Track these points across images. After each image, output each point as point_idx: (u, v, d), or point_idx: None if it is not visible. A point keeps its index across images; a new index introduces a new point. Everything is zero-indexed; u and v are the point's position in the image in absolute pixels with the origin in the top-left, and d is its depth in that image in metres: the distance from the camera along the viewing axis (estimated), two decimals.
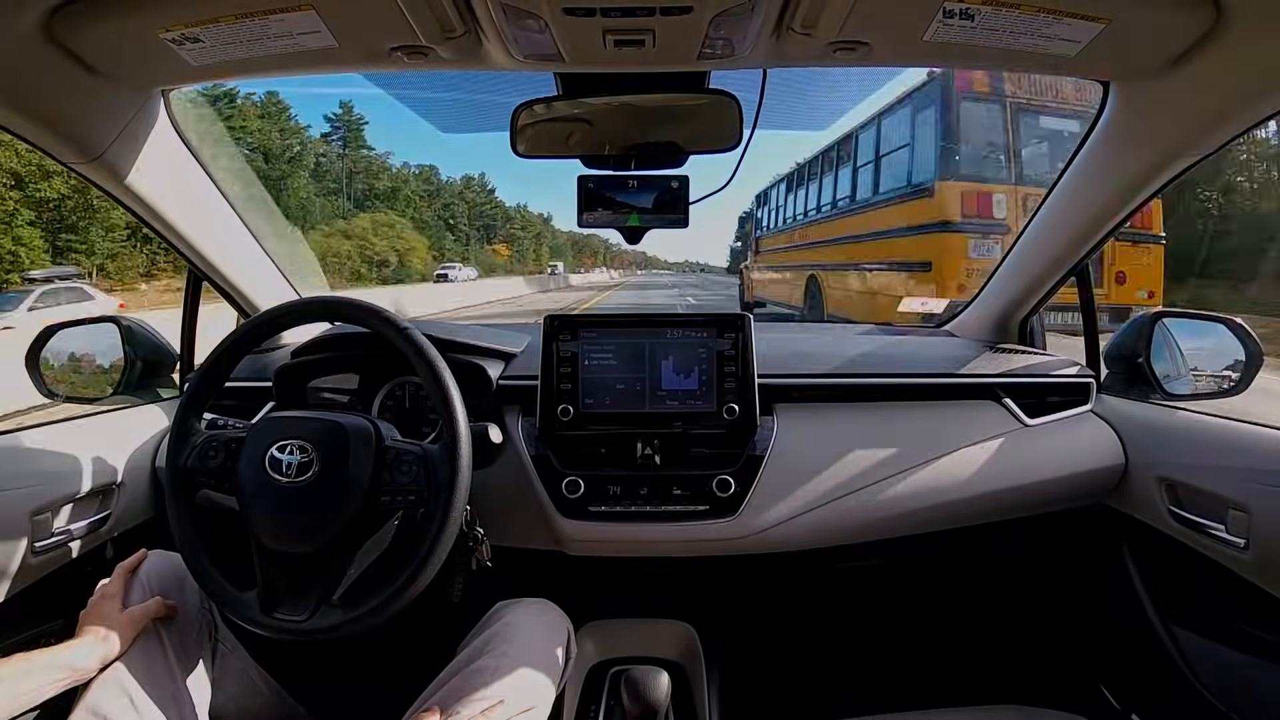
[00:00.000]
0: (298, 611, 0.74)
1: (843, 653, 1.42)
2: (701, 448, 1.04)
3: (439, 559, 0.76)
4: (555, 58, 0.80)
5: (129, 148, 0.92)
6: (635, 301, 21.07)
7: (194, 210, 1.09)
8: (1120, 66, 0.82)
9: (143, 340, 1.22)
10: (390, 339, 0.81)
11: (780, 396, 1.11)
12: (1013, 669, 1.31)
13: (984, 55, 0.79)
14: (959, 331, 1.41)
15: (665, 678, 1.10)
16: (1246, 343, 1.05)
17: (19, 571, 0.90)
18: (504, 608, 0.88)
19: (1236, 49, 0.70)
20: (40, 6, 0.67)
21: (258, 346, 0.97)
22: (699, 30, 0.73)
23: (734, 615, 1.36)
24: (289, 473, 0.75)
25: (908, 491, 1.04)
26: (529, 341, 1.18)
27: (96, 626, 0.71)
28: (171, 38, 0.72)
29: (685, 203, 0.99)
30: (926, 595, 1.41)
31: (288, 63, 0.80)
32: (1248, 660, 0.92)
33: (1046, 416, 1.13)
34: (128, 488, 1.06)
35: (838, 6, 0.68)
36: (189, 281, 1.24)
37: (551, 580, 1.07)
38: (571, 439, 1.04)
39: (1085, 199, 1.04)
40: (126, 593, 0.77)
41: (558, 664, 0.86)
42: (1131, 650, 1.10)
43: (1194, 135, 0.86)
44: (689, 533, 1.01)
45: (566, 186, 1.07)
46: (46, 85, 0.78)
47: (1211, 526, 0.92)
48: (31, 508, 0.91)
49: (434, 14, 0.70)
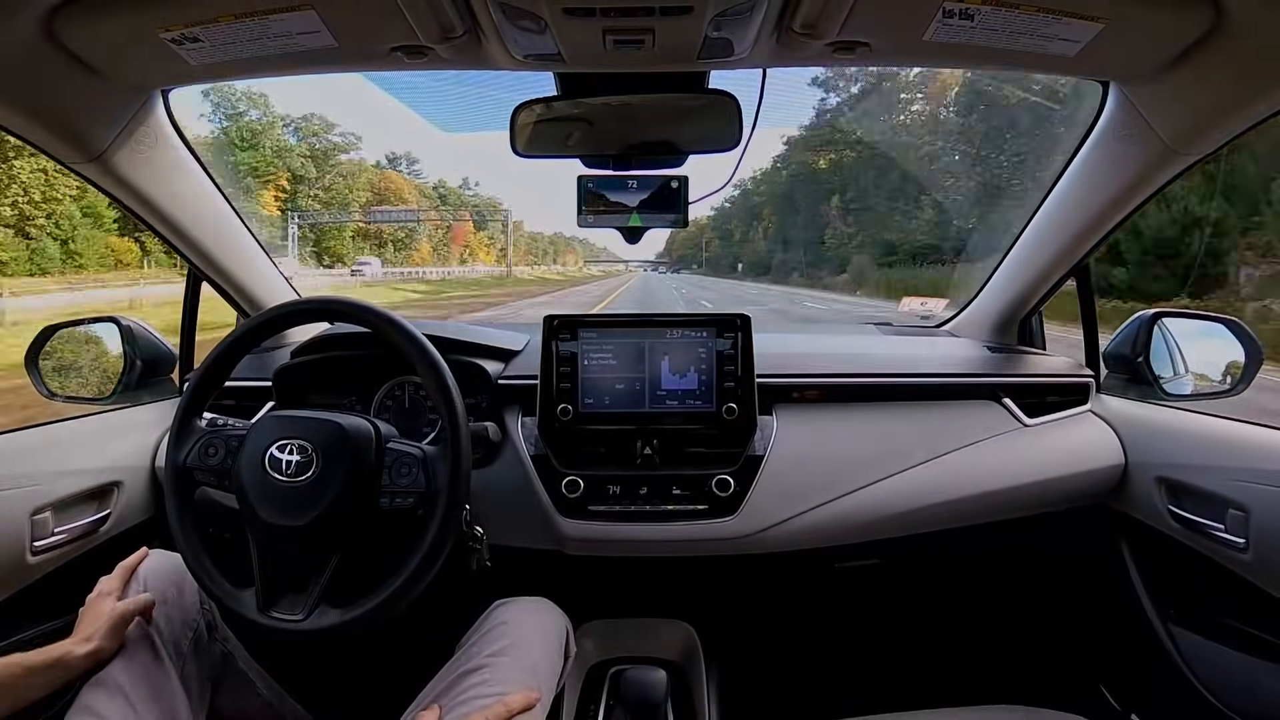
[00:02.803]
0: (295, 611, 0.74)
1: (842, 652, 1.42)
2: (701, 447, 1.04)
3: (438, 560, 0.76)
4: (555, 58, 0.80)
5: (129, 147, 0.92)
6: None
7: (193, 210, 1.09)
8: (1120, 66, 0.82)
9: (142, 340, 1.22)
10: (391, 339, 0.81)
11: (780, 396, 1.11)
12: (1012, 669, 1.31)
13: (984, 55, 0.79)
14: (958, 331, 1.41)
15: (664, 677, 1.11)
16: (1246, 342, 1.05)
17: (19, 571, 0.90)
18: (503, 607, 0.88)
19: (1236, 49, 0.70)
20: (40, 6, 0.67)
21: (257, 346, 0.97)
22: (699, 30, 0.73)
23: (733, 615, 1.36)
24: (288, 471, 0.75)
25: (907, 491, 1.04)
26: (529, 341, 1.18)
27: (88, 622, 0.72)
28: (171, 37, 0.72)
29: (685, 202, 0.99)
30: (926, 595, 1.41)
31: (287, 63, 0.80)
32: (1247, 660, 0.92)
33: (1046, 416, 1.13)
34: (127, 487, 1.06)
35: (838, 7, 0.68)
36: (189, 281, 1.24)
37: (551, 579, 1.07)
38: (571, 439, 1.04)
39: (1085, 199, 1.04)
40: (124, 590, 0.77)
41: (557, 663, 0.86)
42: (1131, 650, 1.10)
43: (1194, 135, 0.85)
44: (688, 532, 1.01)
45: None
46: (46, 85, 0.78)
47: (1211, 526, 0.92)
48: (31, 508, 0.91)
49: (434, 14, 0.70)
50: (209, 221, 1.12)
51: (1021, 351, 1.28)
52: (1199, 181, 8.38)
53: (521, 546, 1.06)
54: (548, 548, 1.05)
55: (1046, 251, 1.15)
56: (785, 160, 36.29)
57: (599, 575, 1.21)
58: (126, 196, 0.99)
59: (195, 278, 1.22)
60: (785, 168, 36.37)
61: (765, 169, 39.53)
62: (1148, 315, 1.14)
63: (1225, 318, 1.09)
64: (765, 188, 40.52)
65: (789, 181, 35.55)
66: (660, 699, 1.09)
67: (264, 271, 1.26)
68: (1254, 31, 0.67)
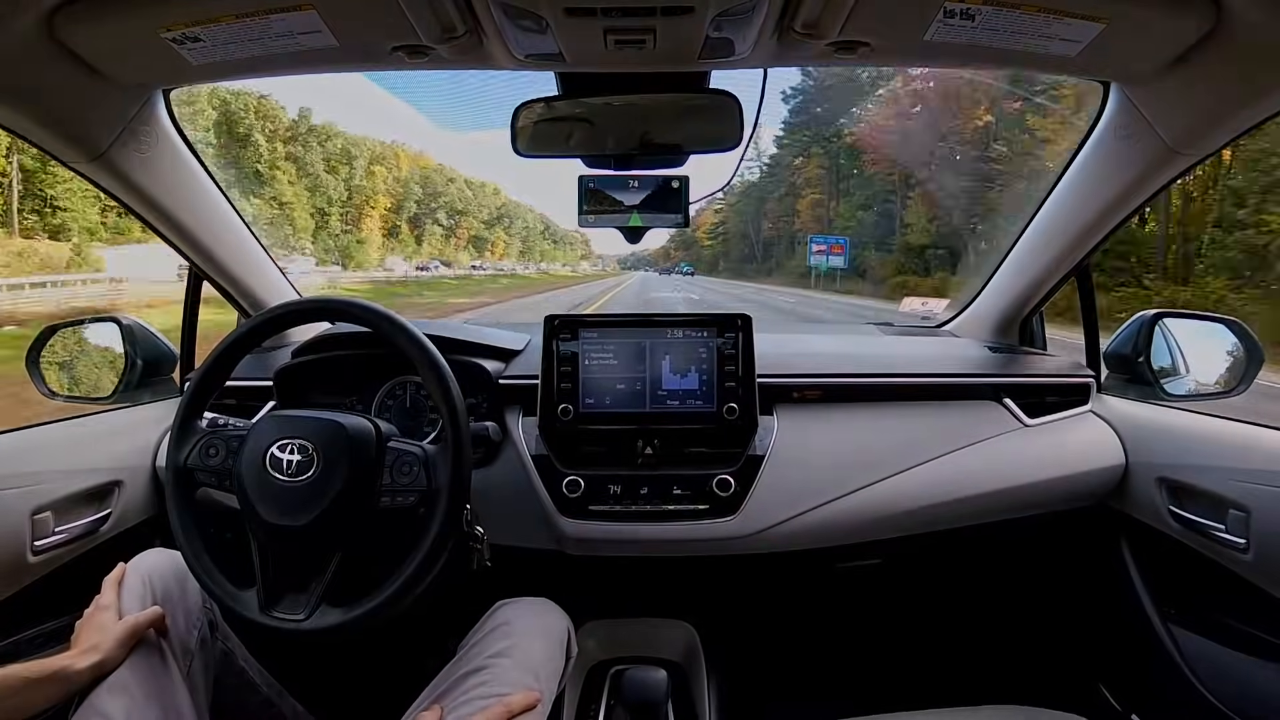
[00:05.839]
0: (296, 610, 0.74)
1: (842, 652, 1.42)
2: (702, 447, 1.04)
3: (438, 560, 0.76)
4: (556, 58, 0.80)
5: (130, 147, 0.92)
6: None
7: (194, 210, 1.09)
8: (1120, 67, 0.82)
9: (143, 340, 1.22)
10: (392, 338, 0.81)
11: (780, 396, 1.11)
12: (1013, 669, 1.31)
13: (984, 55, 0.79)
14: (959, 331, 1.41)
15: (665, 677, 1.11)
16: (1247, 342, 1.05)
17: (19, 571, 0.90)
18: (504, 607, 0.88)
19: (1237, 49, 0.70)
20: (41, 6, 0.67)
21: (258, 346, 0.97)
22: (700, 31, 0.73)
23: (734, 615, 1.37)
24: (289, 471, 0.75)
25: (908, 492, 1.04)
26: (530, 341, 1.18)
27: (92, 636, 0.70)
28: (172, 37, 0.72)
29: (686, 202, 0.99)
30: (926, 595, 1.41)
31: (288, 62, 0.80)
32: (1248, 660, 0.92)
33: (1046, 416, 1.13)
34: (128, 487, 1.06)
35: (839, 7, 0.68)
36: (189, 281, 1.24)
37: (552, 579, 1.07)
38: (572, 438, 1.04)
39: (1085, 199, 1.04)
40: (121, 598, 0.76)
41: (558, 663, 0.86)
42: (1131, 650, 1.10)
43: (1194, 135, 0.86)
44: (689, 532, 1.01)
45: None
46: (48, 84, 0.78)
47: (1211, 527, 0.92)
48: (31, 507, 0.91)
49: (435, 14, 0.70)
50: (210, 221, 1.12)
51: (1022, 352, 1.28)
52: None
53: (522, 546, 1.06)
54: (548, 548, 1.05)
55: (1047, 251, 1.15)
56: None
57: (600, 575, 1.22)
58: (127, 196, 0.99)
59: (196, 277, 1.22)
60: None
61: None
62: (1149, 315, 1.14)
63: (1226, 318, 1.09)
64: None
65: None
66: (661, 699, 1.09)
67: (265, 271, 1.26)
68: (1254, 32, 0.67)
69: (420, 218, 41.77)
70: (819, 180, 31.79)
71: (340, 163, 33.41)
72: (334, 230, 32.74)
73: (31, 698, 0.65)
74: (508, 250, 54.88)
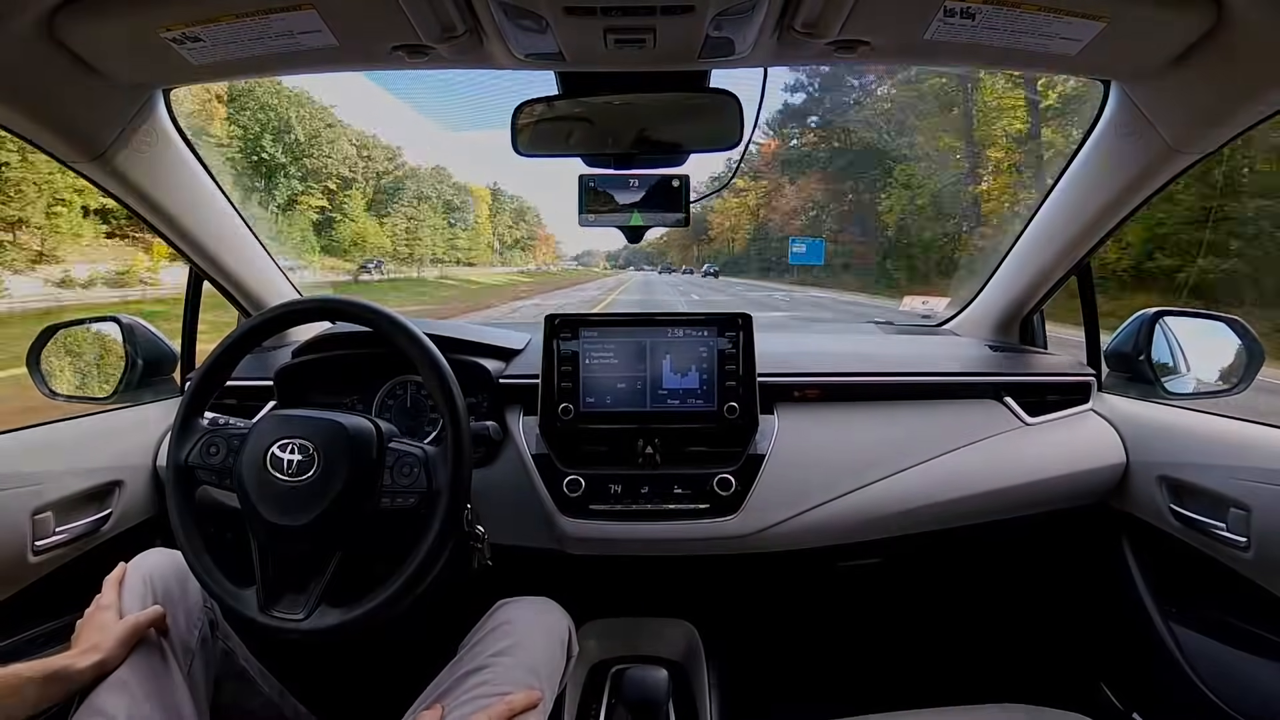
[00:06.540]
0: (296, 610, 0.74)
1: (843, 651, 1.42)
2: (702, 446, 1.04)
3: (439, 560, 0.76)
4: (556, 57, 0.80)
5: (130, 147, 0.92)
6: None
7: (194, 210, 1.09)
8: (1121, 66, 0.82)
9: (143, 339, 1.22)
10: (392, 338, 0.81)
11: (781, 396, 1.11)
12: (1014, 668, 1.31)
13: (985, 54, 0.79)
14: (960, 330, 1.41)
15: (666, 676, 1.11)
16: (1247, 340, 1.05)
17: (20, 571, 0.90)
18: (505, 606, 0.89)
19: (1238, 48, 0.70)
20: (41, 5, 0.67)
21: (259, 345, 0.97)
22: (700, 30, 0.73)
23: (735, 614, 1.37)
24: (290, 471, 0.75)
25: (908, 490, 1.04)
26: (530, 340, 1.18)
27: (93, 636, 0.70)
28: (172, 37, 0.72)
29: (686, 201, 0.99)
30: (927, 594, 1.41)
31: (288, 62, 0.80)
32: (1249, 659, 0.92)
33: (1047, 415, 1.13)
34: (128, 486, 1.06)
35: (839, 6, 0.68)
36: (189, 281, 1.24)
37: (552, 579, 1.07)
38: (572, 438, 1.04)
39: (1086, 198, 1.04)
40: (121, 598, 0.77)
41: (559, 662, 0.86)
42: (1133, 649, 1.10)
43: (1194, 135, 0.85)
44: (690, 531, 1.01)
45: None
46: (47, 84, 0.78)
47: (1212, 525, 0.92)
48: (32, 507, 0.91)
49: (435, 14, 0.70)
50: (210, 221, 1.12)
51: (1023, 350, 1.28)
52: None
53: (523, 546, 1.06)
54: (549, 547, 1.05)
55: (1048, 250, 1.15)
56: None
57: (600, 575, 1.22)
58: (128, 196, 0.99)
59: (196, 277, 1.22)
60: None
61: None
62: (1149, 314, 1.14)
63: (1227, 316, 1.09)
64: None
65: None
66: (662, 698, 1.09)
67: (265, 271, 1.26)
68: (1255, 31, 0.67)
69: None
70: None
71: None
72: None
73: (32, 697, 0.65)
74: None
